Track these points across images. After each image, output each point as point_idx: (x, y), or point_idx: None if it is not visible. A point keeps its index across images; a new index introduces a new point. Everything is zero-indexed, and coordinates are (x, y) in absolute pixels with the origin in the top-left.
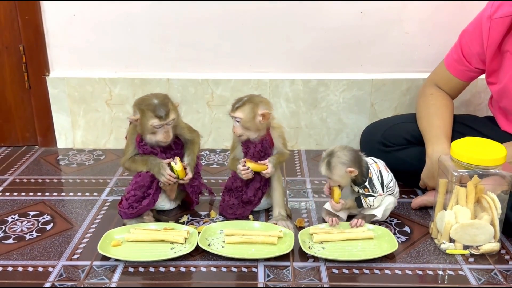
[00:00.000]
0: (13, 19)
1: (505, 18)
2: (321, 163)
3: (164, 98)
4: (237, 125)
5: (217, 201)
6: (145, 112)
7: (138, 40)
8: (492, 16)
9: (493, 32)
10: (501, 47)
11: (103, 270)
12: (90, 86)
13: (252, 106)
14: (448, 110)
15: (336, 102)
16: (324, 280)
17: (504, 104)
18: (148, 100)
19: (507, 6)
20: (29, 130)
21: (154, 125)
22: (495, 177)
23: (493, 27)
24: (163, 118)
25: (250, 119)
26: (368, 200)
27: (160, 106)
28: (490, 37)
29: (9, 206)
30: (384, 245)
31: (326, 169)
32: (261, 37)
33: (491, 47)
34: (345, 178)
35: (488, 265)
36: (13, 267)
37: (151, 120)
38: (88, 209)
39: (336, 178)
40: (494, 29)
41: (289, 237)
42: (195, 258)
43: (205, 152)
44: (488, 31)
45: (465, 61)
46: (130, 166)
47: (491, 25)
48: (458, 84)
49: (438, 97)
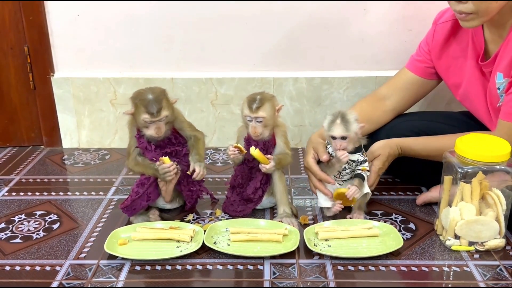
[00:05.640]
0: (17, 20)
1: (446, 23)
2: (333, 124)
3: (160, 94)
4: (258, 125)
5: (222, 199)
6: (138, 106)
7: (142, 40)
8: (437, 22)
9: (436, 35)
10: (445, 47)
11: (110, 268)
12: (94, 86)
13: (271, 103)
14: (360, 104)
15: (340, 99)
16: (330, 277)
17: (467, 106)
18: (143, 94)
19: (450, 12)
20: (34, 130)
21: (145, 120)
22: (499, 173)
23: (437, 31)
24: (154, 115)
25: (271, 116)
26: (365, 166)
27: (153, 103)
28: (434, 40)
29: (16, 206)
30: (389, 242)
31: (344, 127)
32: (265, 36)
33: (435, 50)
34: (356, 137)
35: (493, 261)
36: (21, 266)
37: (142, 115)
38: (94, 208)
39: (353, 135)
40: (437, 33)
41: (294, 234)
42: (201, 256)
43: (209, 151)
44: (432, 34)
45: (424, 58)
46: (134, 168)
47: (435, 29)
48: (417, 83)
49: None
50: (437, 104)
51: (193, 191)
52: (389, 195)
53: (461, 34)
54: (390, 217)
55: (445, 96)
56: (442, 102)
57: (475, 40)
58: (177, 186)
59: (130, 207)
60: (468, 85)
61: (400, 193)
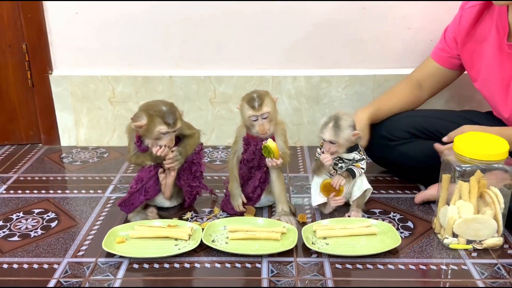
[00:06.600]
0: (16, 18)
1: (473, 7)
2: (325, 127)
3: (172, 106)
4: (265, 121)
5: (220, 198)
6: (153, 118)
7: (141, 38)
8: (463, 7)
9: (463, 20)
10: (471, 33)
11: (108, 266)
12: (93, 84)
13: (269, 97)
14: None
15: (338, 98)
16: (328, 275)
17: (484, 93)
18: (157, 106)
19: None
20: (32, 128)
21: (162, 131)
22: (498, 172)
23: (464, 16)
24: (171, 125)
25: (274, 109)
26: (360, 164)
27: (169, 114)
28: (460, 26)
29: (14, 204)
30: (387, 240)
31: (334, 132)
32: (263, 34)
33: (461, 35)
34: (348, 142)
35: (491, 259)
36: (19, 264)
37: (159, 126)
38: (92, 207)
39: (342, 141)
40: (464, 18)
41: (292, 233)
42: (199, 254)
43: (208, 149)
44: (459, 20)
45: (447, 47)
46: (136, 161)
47: (462, 14)
48: (442, 73)
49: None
50: (436, 102)
51: (193, 187)
52: (387, 194)
53: (486, 19)
54: (388, 216)
55: (444, 94)
56: (441, 100)
57: (499, 23)
58: (177, 181)
59: (128, 202)
60: (489, 68)
61: (398, 192)
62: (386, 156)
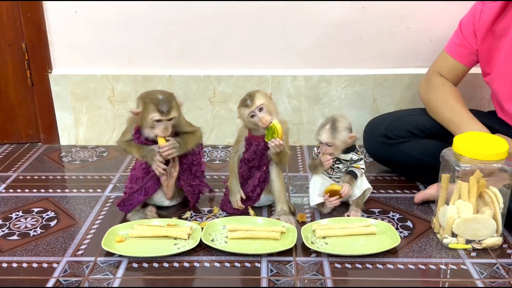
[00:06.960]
0: (15, 17)
1: (495, 3)
2: (322, 129)
3: (169, 96)
4: (263, 114)
5: (219, 197)
6: (147, 105)
7: (140, 37)
8: (484, 2)
9: (484, 15)
10: (492, 28)
11: (107, 265)
12: (92, 83)
13: (260, 93)
14: (462, 98)
15: (338, 98)
16: (327, 274)
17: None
18: (153, 94)
19: None
20: (32, 127)
21: (155, 119)
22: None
23: (485, 11)
24: (164, 113)
25: (269, 101)
26: (360, 164)
27: (164, 102)
28: (480, 21)
29: (13, 202)
30: (386, 240)
31: (330, 134)
32: (263, 34)
33: (481, 30)
34: (344, 145)
35: (490, 259)
36: (18, 263)
37: (152, 114)
38: (92, 206)
39: (338, 143)
40: (485, 13)
41: (292, 232)
42: (199, 253)
43: (207, 148)
44: (479, 14)
45: (466, 42)
46: (126, 148)
47: (483, 9)
48: (460, 70)
49: (451, 86)
50: None
51: (194, 185)
52: (387, 193)
53: (508, 15)
54: (388, 215)
55: None
56: None
57: None
58: (177, 182)
59: (127, 202)
60: (505, 64)
61: (398, 191)
62: (386, 155)
